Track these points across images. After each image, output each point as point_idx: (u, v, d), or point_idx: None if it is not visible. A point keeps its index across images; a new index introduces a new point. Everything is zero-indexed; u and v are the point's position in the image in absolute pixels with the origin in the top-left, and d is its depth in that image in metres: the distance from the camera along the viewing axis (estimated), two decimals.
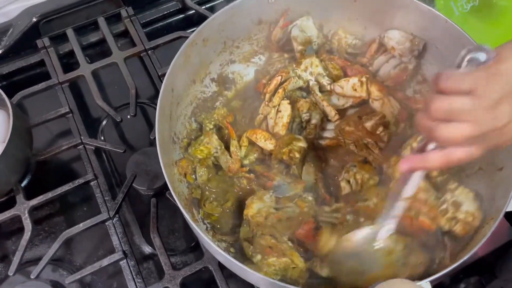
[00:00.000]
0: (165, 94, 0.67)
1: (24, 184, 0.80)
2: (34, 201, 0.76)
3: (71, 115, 0.84)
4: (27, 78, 0.91)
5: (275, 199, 0.68)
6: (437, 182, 0.67)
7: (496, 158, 0.66)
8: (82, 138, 0.81)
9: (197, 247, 0.76)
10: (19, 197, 0.76)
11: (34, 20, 0.90)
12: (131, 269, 0.71)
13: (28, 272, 0.72)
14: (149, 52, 0.89)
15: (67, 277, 0.70)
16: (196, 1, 0.96)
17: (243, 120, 0.78)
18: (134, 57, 0.90)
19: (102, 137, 0.88)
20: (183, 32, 0.90)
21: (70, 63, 0.92)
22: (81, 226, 0.73)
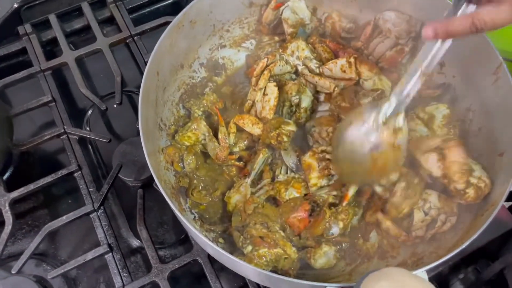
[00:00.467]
0: (150, 77, 0.64)
1: (6, 176, 0.78)
2: (14, 194, 0.73)
3: (54, 104, 0.81)
4: (9, 67, 0.88)
5: (251, 185, 0.66)
6: None
7: (496, 143, 0.64)
8: (65, 127, 0.79)
9: (186, 240, 0.74)
10: None
11: (15, 6, 0.88)
12: (117, 262, 0.69)
13: (10, 267, 0.69)
14: (135, 38, 0.86)
15: (50, 271, 0.68)
16: None
17: (233, 107, 0.76)
18: (120, 44, 0.87)
19: (87, 127, 0.85)
20: (171, 17, 0.87)
21: (53, 51, 0.90)
22: (64, 219, 0.71)
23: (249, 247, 0.60)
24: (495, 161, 0.63)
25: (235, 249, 0.63)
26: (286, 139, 0.67)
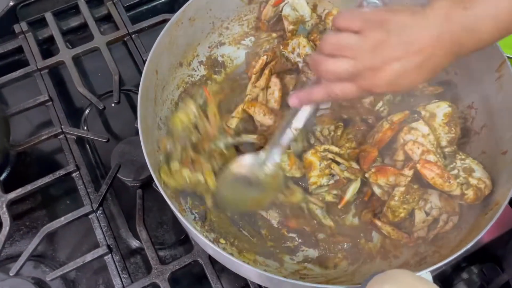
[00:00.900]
0: (148, 75, 0.63)
1: (3, 177, 0.77)
2: (12, 194, 0.72)
3: (51, 103, 0.80)
4: (5, 66, 0.87)
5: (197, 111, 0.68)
6: (444, 153, 0.65)
7: (499, 141, 0.63)
8: (62, 127, 0.78)
9: (186, 240, 0.73)
10: None
11: (11, 4, 0.87)
12: (117, 264, 0.68)
13: (8, 269, 0.68)
14: (133, 36, 0.85)
15: (49, 273, 0.67)
16: None
17: (232, 96, 0.74)
18: (118, 42, 0.86)
19: (85, 126, 0.84)
20: (169, 14, 0.86)
21: (50, 50, 0.89)
22: (62, 220, 0.70)
23: (177, 164, 0.64)
24: (498, 160, 0.63)
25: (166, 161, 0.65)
26: None
